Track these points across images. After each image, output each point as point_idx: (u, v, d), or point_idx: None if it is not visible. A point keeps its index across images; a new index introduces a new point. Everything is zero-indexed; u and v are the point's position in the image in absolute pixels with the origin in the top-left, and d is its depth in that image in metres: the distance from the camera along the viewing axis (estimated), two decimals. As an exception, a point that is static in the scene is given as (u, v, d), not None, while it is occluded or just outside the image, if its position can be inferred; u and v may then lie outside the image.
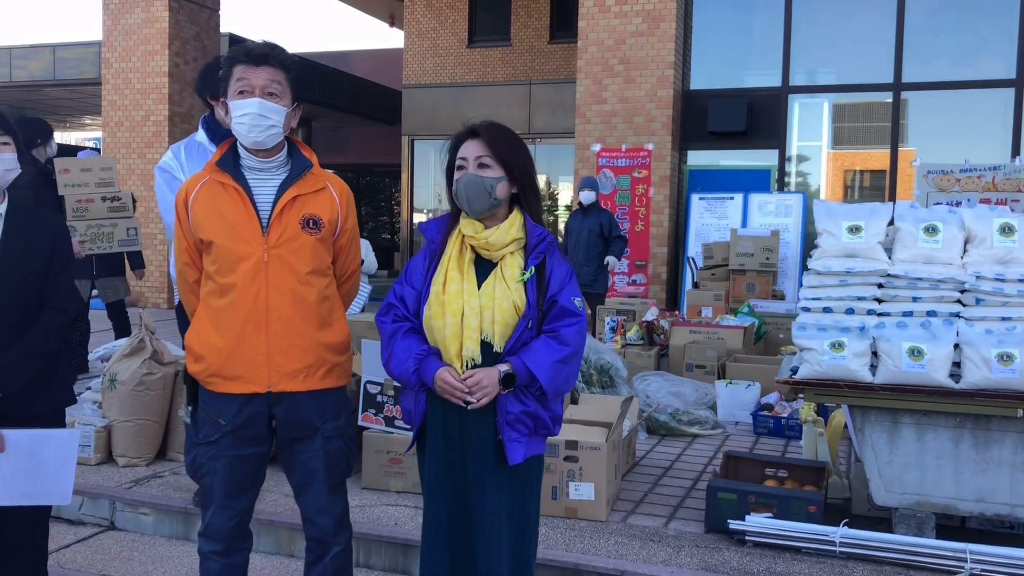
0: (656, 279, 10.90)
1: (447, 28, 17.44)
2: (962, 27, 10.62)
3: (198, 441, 2.76)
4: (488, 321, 2.52)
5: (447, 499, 2.61)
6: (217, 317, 2.69)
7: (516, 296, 2.53)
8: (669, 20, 10.78)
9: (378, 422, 4.51)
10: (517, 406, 2.53)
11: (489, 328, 2.52)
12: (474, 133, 2.62)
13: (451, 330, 2.52)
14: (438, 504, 2.62)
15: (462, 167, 2.60)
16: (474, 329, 2.51)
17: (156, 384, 4.88)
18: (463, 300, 2.53)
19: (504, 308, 2.51)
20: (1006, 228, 3.71)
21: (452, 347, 2.52)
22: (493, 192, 2.57)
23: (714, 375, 6.84)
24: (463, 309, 2.52)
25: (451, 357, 2.53)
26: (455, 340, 2.52)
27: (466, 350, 2.51)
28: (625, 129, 10.98)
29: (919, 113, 10.94)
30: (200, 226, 2.69)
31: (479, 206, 2.57)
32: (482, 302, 2.52)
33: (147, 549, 4.11)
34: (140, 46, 13.49)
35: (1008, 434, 3.60)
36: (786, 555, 3.72)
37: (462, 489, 2.59)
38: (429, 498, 2.65)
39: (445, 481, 2.60)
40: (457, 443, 2.58)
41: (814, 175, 11.65)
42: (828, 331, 3.72)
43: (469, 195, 2.56)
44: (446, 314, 2.52)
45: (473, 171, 2.57)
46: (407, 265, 2.72)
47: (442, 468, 2.60)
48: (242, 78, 2.66)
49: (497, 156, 2.58)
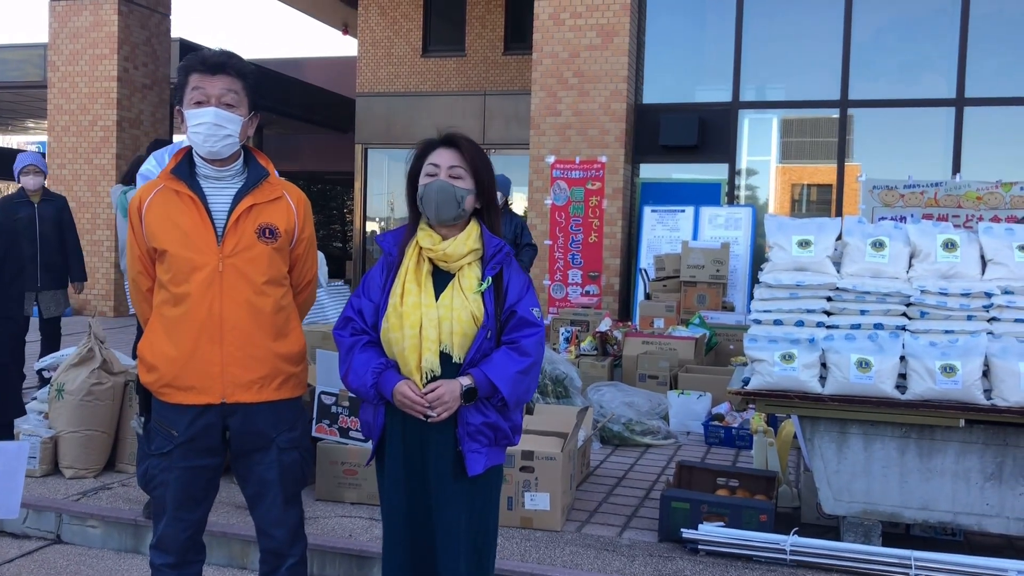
0: (609, 290, 10.99)
1: (401, 37, 17.42)
2: (906, 47, 10.93)
3: (150, 452, 2.72)
4: (447, 332, 2.52)
5: (407, 511, 2.60)
6: (171, 327, 2.66)
7: (474, 307, 2.53)
8: (623, 35, 10.91)
9: (332, 433, 4.48)
10: (478, 417, 2.54)
11: (448, 339, 2.52)
12: (450, 142, 2.62)
13: (409, 342, 2.52)
14: (398, 516, 2.62)
15: (433, 174, 2.59)
16: (433, 341, 2.51)
17: (105, 394, 4.78)
18: (421, 312, 2.53)
19: (462, 319, 2.52)
20: (949, 244, 3.82)
21: (411, 359, 2.52)
22: (462, 203, 2.58)
23: (666, 385, 6.92)
24: (421, 321, 2.52)
25: (410, 370, 2.53)
26: (414, 352, 2.52)
27: (425, 362, 2.51)
28: (579, 141, 11.08)
29: (865, 129, 11.21)
30: (154, 235, 2.66)
31: (447, 214, 2.58)
32: (440, 313, 2.52)
33: (95, 563, 4.03)
34: (88, 50, 13.24)
35: (951, 443, 3.71)
36: (738, 563, 3.78)
37: (423, 500, 2.59)
38: (389, 510, 2.65)
39: (404, 493, 2.60)
40: (417, 455, 2.58)
41: (763, 189, 11.86)
42: (779, 343, 3.79)
43: (439, 202, 2.56)
44: (404, 326, 2.52)
45: (445, 179, 2.58)
46: (364, 278, 2.70)
47: (402, 480, 2.60)
48: (198, 87, 2.64)
49: (471, 168, 2.60)
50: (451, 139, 2.63)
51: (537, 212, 11.30)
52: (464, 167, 2.59)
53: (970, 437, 3.69)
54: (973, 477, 3.70)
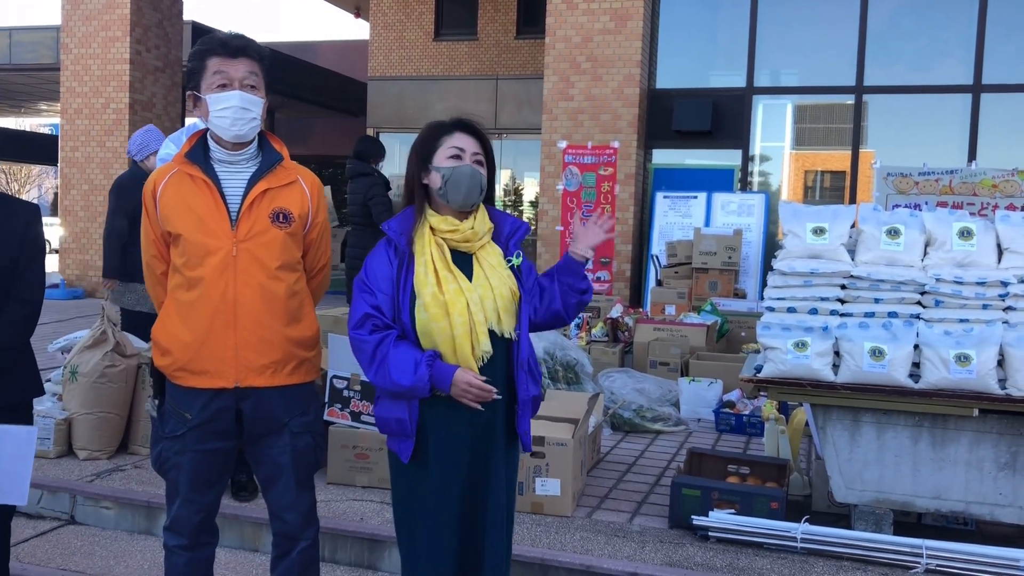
0: (620, 276, 10.97)
1: (413, 21, 17.36)
2: (922, 33, 10.82)
3: (164, 435, 2.73)
4: (491, 311, 2.51)
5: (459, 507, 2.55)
6: (185, 311, 2.66)
7: (511, 281, 2.57)
8: (636, 19, 10.83)
9: (344, 417, 4.49)
10: (532, 389, 2.60)
11: (494, 317, 2.51)
12: (470, 129, 2.62)
13: (460, 330, 2.46)
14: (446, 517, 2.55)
15: (458, 156, 2.57)
16: (482, 323, 2.49)
17: (118, 376, 4.81)
18: (465, 297, 2.49)
19: (504, 295, 2.53)
20: (965, 232, 3.79)
21: (464, 346, 2.46)
22: (484, 189, 2.61)
23: (677, 372, 6.91)
24: (468, 306, 2.48)
25: (466, 355, 2.47)
26: (466, 339, 2.47)
27: (481, 346, 2.48)
28: (591, 126, 11.03)
29: (879, 116, 11.11)
30: (168, 219, 2.66)
31: (473, 199, 2.58)
32: (481, 294, 2.51)
33: (108, 543, 4.06)
34: (100, 32, 13.24)
35: (964, 433, 3.69)
36: (748, 551, 3.78)
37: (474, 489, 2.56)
38: (436, 501, 2.55)
39: (459, 491, 2.55)
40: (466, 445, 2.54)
41: (776, 175, 11.79)
42: (792, 331, 3.78)
43: (470, 187, 2.55)
44: (452, 314, 2.46)
45: (472, 164, 2.57)
46: (366, 270, 2.60)
47: (454, 479, 2.54)
48: (220, 71, 2.63)
49: (487, 156, 2.63)
50: (472, 126, 2.62)
51: (549, 197, 11.27)
52: (483, 154, 2.61)
53: (984, 427, 3.67)
54: (987, 467, 3.68)
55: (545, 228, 11.26)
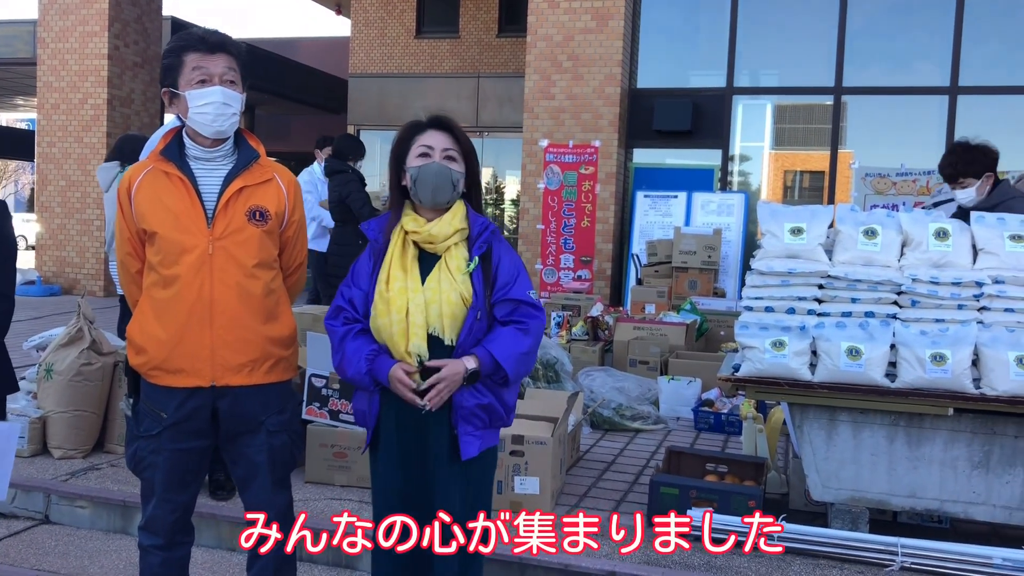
0: (601, 275, 10.99)
1: (394, 18, 17.32)
2: (900, 35, 10.90)
3: (139, 434, 2.71)
4: (435, 315, 2.51)
5: (403, 495, 2.61)
6: (160, 309, 2.64)
7: (463, 287, 2.53)
8: (617, 18, 10.85)
9: (323, 416, 4.47)
10: (472, 400, 2.53)
11: (437, 322, 2.52)
12: (441, 125, 2.61)
13: (397, 328, 2.51)
14: (394, 501, 2.62)
15: (426, 155, 2.58)
16: (419, 325, 2.50)
17: (94, 374, 4.77)
18: (407, 297, 2.52)
19: (451, 300, 2.51)
20: (941, 233, 3.82)
21: (400, 345, 2.52)
22: (457, 186, 2.58)
23: (657, 371, 6.93)
24: (407, 306, 2.51)
25: (401, 354, 2.53)
26: (402, 337, 2.51)
27: (412, 347, 2.50)
28: (573, 125, 11.04)
29: (858, 117, 11.19)
30: (143, 216, 2.64)
31: (443, 197, 2.57)
32: (427, 296, 2.52)
33: (83, 543, 4.02)
34: (78, 27, 13.11)
35: (939, 432, 3.72)
36: (725, 549, 3.79)
37: (419, 485, 2.60)
38: (384, 495, 2.65)
39: (401, 478, 2.61)
40: (413, 440, 2.59)
41: (755, 175, 11.85)
42: (770, 330, 3.79)
43: (436, 185, 2.55)
44: (391, 312, 2.51)
45: (440, 161, 2.56)
46: (353, 267, 2.69)
47: (398, 465, 2.60)
48: (199, 66, 2.61)
49: (463, 152, 2.61)
50: (443, 122, 2.62)
51: (530, 196, 11.27)
52: (457, 150, 2.60)
53: (959, 426, 3.70)
54: (961, 465, 3.71)
55: (526, 227, 11.27)
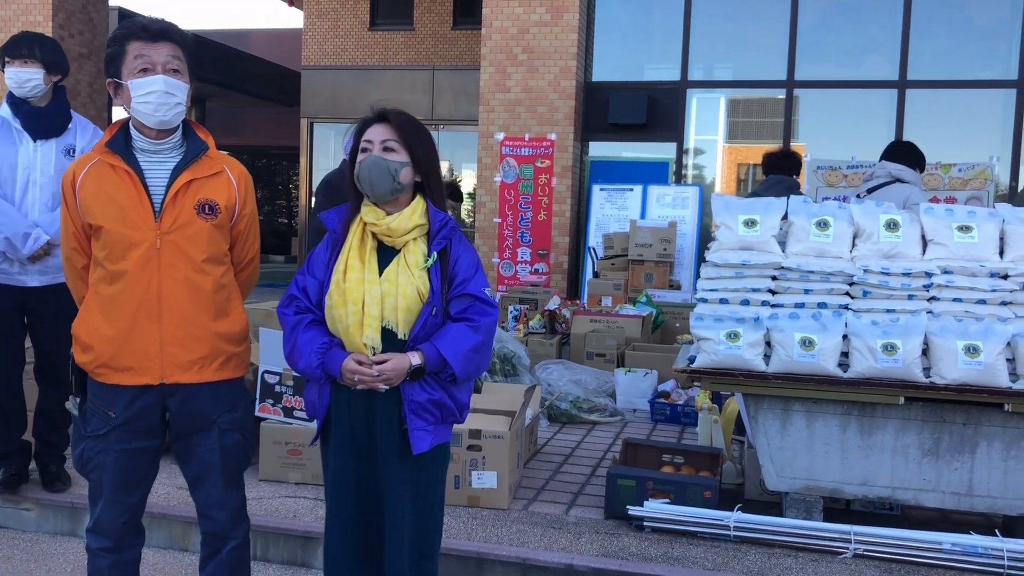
0: (558, 268, 11.00)
1: (348, 9, 17.13)
2: (851, 30, 11.05)
3: (86, 434, 2.64)
4: (391, 308, 2.49)
5: (354, 489, 2.58)
6: (107, 305, 2.58)
7: (420, 282, 2.51)
8: (572, 11, 10.85)
9: (276, 413, 4.41)
10: (422, 395, 2.51)
11: (392, 315, 2.49)
12: (382, 117, 2.59)
13: (353, 319, 2.49)
14: (344, 495, 2.59)
15: (366, 149, 2.56)
16: (375, 317, 2.48)
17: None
18: (364, 288, 2.50)
19: (408, 295, 2.49)
20: (891, 224, 3.88)
21: (355, 336, 2.49)
22: (397, 176, 2.54)
23: (613, 363, 6.96)
24: (364, 297, 2.49)
25: (356, 346, 2.50)
26: (357, 329, 2.49)
27: (367, 338, 2.48)
28: (529, 118, 11.03)
29: (810, 110, 11.33)
30: (88, 210, 2.57)
31: (381, 189, 2.54)
32: (384, 289, 2.50)
33: (29, 547, 3.92)
34: (21, 16, 12.75)
35: (890, 420, 3.78)
36: (682, 540, 3.82)
37: (370, 479, 2.58)
38: (334, 489, 2.62)
39: (352, 472, 2.58)
40: (363, 433, 2.56)
41: (710, 168, 11.94)
42: (724, 321, 3.82)
43: (372, 177, 2.53)
44: (347, 303, 2.49)
45: (378, 154, 2.54)
46: (309, 256, 2.66)
47: (349, 459, 2.58)
48: (141, 55, 2.54)
49: (403, 141, 2.56)
50: (382, 114, 2.60)
51: (486, 190, 11.24)
52: (396, 140, 2.55)
53: (909, 414, 3.76)
54: (911, 453, 3.78)
55: (483, 220, 11.23)
